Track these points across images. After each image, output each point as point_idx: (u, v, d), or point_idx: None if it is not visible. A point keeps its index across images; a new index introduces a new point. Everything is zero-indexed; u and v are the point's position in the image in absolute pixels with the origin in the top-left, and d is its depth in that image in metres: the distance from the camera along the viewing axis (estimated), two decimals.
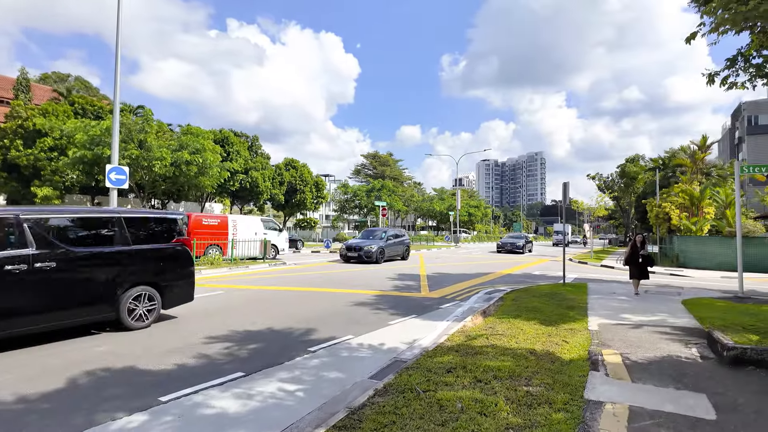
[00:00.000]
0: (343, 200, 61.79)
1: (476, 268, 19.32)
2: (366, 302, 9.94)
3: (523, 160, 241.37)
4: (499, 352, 5.62)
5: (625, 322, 7.76)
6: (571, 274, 17.08)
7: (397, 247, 22.74)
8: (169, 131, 33.00)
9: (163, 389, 4.56)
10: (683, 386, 4.51)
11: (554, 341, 6.28)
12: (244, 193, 36.02)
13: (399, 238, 23.55)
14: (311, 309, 9.05)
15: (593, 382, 4.56)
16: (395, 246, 22.59)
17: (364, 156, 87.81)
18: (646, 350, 5.88)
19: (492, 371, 4.80)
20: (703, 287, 13.54)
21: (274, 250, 19.80)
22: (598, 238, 58.32)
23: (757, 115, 52.11)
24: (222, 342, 6.40)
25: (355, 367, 5.41)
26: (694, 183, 28.34)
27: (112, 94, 13.64)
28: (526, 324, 7.31)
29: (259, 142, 39.28)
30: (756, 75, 10.84)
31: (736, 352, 5.08)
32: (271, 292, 11.27)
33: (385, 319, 8.24)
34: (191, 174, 25.86)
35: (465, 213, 75.94)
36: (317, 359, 5.68)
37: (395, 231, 24.31)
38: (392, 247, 22.19)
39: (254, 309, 8.98)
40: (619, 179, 55.28)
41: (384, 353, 6.01)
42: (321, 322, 7.83)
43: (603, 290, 12.02)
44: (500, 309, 8.93)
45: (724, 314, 8.31)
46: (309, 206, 43.05)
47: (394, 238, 22.90)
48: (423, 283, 13.63)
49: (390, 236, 22.64)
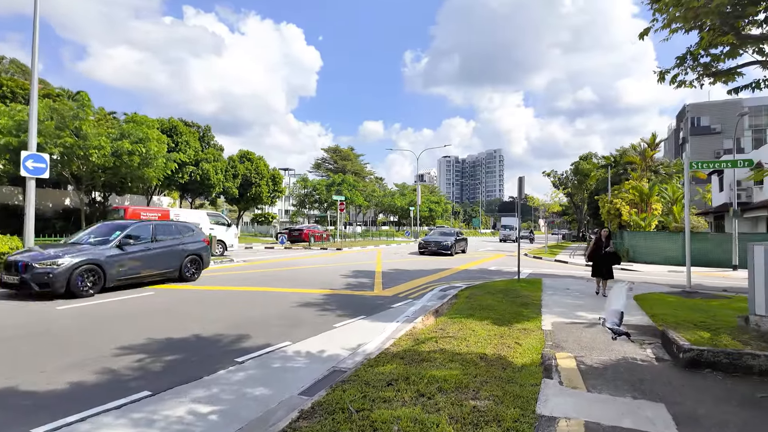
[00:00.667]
0: (303, 195, 60.37)
1: (434, 264, 19.00)
2: (313, 302, 9.27)
3: (482, 157, 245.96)
4: (447, 358, 5.12)
5: (579, 321, 7.50)
6: (526, 270, 17.07)
7: None
8: (113, 119, 30.81)
9: (42, 417, 3.75)
10: (640, 394, 4.16)
11: (507, 343, 5.87)
12: (194, 186, 34.19)
13: None
14: (250, 311, 8.28)
15: (546, 392, 4.13)
16: None
17: (325, 150, 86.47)
18: (601, 352, 5.56)
19: (437, 382, 4.28)
20: (653, 282, 13.74)
21: (221, 247, 18.67)
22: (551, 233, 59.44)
23: (699, 117, 54.99)
24: (136, 353, 5.57)
25: (287, 380, 4.76)
26: (643, 180, 29.31)
27: (38, 72, 12.21)
28: (479, 324, 6.89)
29: (212, 133, 37.38)
30: (703, 74, 10.95)
31: (692, 354, 4.80)
32: (209, 293, 10.37)
33: (330, 321, 7.60)
34: (134, 165, 24.11)
35: (426, 208, 76.25)
36: (243, 372, 4.98)
37: None
38: None
39: (184, 312, 8.11)
40: (573, 176, 56.95)
41: (322, 362, 5.39)
42: (258, 326, 7.10)
43: (557, 286, 11.89)
44: (453, 307, 8.51)
45: (675, 310, 8.24)
46: (265, 200, 41.51)
47: None
48: (377, 281, 13.08)
49: None
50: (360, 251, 27.70)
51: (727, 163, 11.34)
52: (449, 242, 24.20)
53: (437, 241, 24.37)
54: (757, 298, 6.50)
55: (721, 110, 54.30)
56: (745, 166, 11.05)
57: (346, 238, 40.13)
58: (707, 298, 9.87)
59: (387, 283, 12.51)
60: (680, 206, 24.42)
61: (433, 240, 24.65)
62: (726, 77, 10.75)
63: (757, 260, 6.49)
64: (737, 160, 11.13)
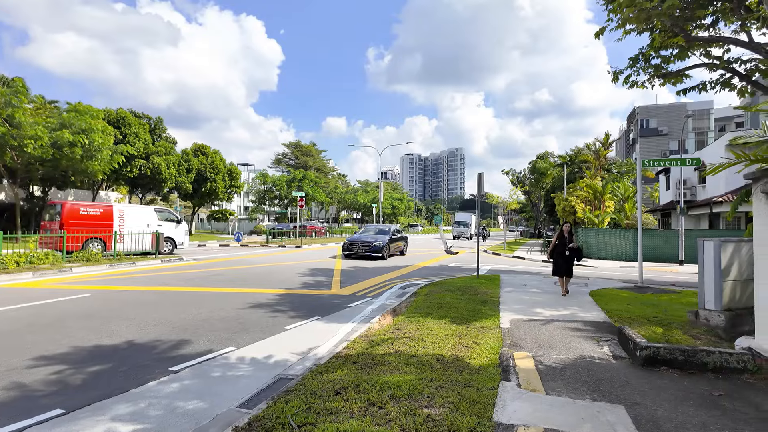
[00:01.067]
0: (262, 191, 58.84)
1: (394, 261, 18.78)
2: (265, 303, 8.77)
3: (444, 156, 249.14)
4: (402, 361, 4.83)
5: (537, 318, 7.42)
6: (485, 266, 17.14)
7: None
8: (54, 108, 28.71)
9: None
10: (600, 396, 4.01)
11: (464, 343, 5.65)
12: (144, 181, 32.49)
13: None
14: (195, 314, 7.70)
15: (504, 397, 3.90)
16: None
17: (286, 145, 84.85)
18: (559, 351, 5.43)
19: (390, 389, 3.97)
20: (606, 277, 14.06)
21: (170, 245, 17.66)
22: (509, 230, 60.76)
23: (648, 119, 57.69)
24: (56, 363, 4.95)
25: (225, 392, 4.31)
26: (597, 178, 30.31)
27: None
28: (437, 323, 6.65)
29: (164, 125, 35.67)
30: (654, 75, 11.26)
31: (648, 352, 4.73)
32: (153, 294, 9.65)
33: (282, 323, 7.15)
34: (76, 157, 22.53)
35: (389, 205, 76.26)
36: (177, 383, 4.49)
37: None
38: None
39: (121, 315, 7.43)
40: (530, 174, 58.49)
41: (269, 369, 4.97)
42: (201, 330, 6.56)
43: (515, 282, 11.90)
44: (412, 306, 8.26)
45: (628, 306, 8.35)
46: (221, 196, 40.04)
47: None
48: (336, 279, 12.68)
49: None
50: (321, 248, 27.14)
51: (677, 161, 11.70)
52: (381, 243, 19.33)
53: (366, 241, 19.58)
54: (706, 294, 6.61)
55: (667, 113, 57.24)
56: (693, 165, 11.44)
57: (307, 236, 39.35)
58: (658, 293, 10.11)
59: (345, 282, 12.13)
60: (631, 203, 25.38)
61: (360, 240, 19.83)
62: (675, 79, 11.09)
63: (706, 256, 6.59)
64: (686, 158, 11.51)
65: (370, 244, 19.30)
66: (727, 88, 10.69)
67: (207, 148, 39.27)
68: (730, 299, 6.45)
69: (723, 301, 6.40)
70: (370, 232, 21.77)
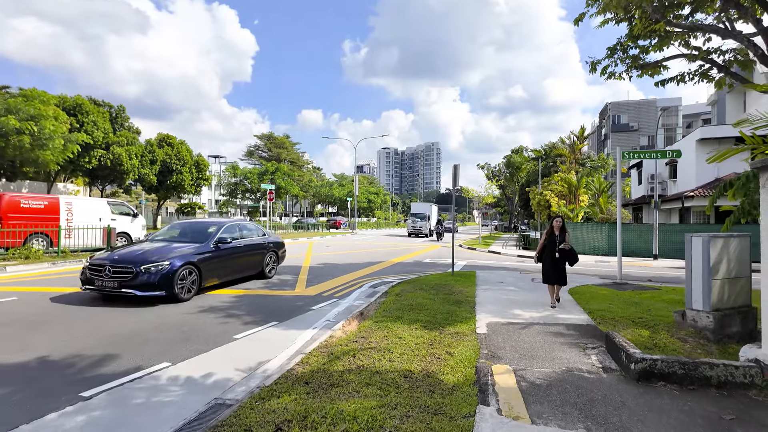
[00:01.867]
0: (233, 184, 57.07)
1: (367, 257, 18.06)
2: (218, 306, 7.89)
3: (420, 150, 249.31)
4: (364, 380, 4.11)
5: (516, 321, 6.82)
6: (460, 262, 16.63)
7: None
8: (5, 93, 26.68)
9: None
10: (594, 423, 3.38)
11: (437, 354, 4.98)
12: (104, 173, 30.69)
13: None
14: (131, 322, 6.76)
15: (482, 428, 3.23)
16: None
17: (259, 137, 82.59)
18: (543, 362, 4.81)
19: (344, 421, 3.24)
20: (583, 272, 13.70)
21: (125, 240, 16.43)
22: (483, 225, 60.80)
23: (619, 115, 58.58)
24: None
25: (144, 424, 3.50)
26: (571, 172, 30.27)
27: None
28: (407, 329, 5.97)
29: (126, 114, 33.80)
30: (632, 66, 10.85)
31: (644, 365, 4.15)
32: (93, 298, 8.62)
33: (231, 331, 6.32)
34: (24, 146, 20.85)
35: (365, 199, 75.42)
36: (84, 415, 3.64)
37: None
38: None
39: (45, 324, 6.45)
40: (505, 169, 58.55)
41: (204, 392, 4.16)
42: (134, 342, 5.67)
43: (492, 279, 11.36)
44: (381, 308, 7.56)
45: (610, 305, 7.87)
46: (188, 189, 38.36)
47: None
48: (302, 277, 11.85)
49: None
50: (290, 243, 26.15)
51: (657, 154, 11.35)
52: (155, 269, 7.85)
53: (124, 263, 7.97)
54: (694, 293, 6.14)
55: (637, 109, 58.27)
56: (673, 156, 11.09)
57: (278, 230, 38.19)
58: (638, 290, 9.71)
59: (312, 280, 11.33)
60: (605, 197, 25.34)
61: (111, 260, 8.11)
62: (652, 70, 10.69)
63: (694, 252, 6.11)
64: (666, 150, 11.15)
65: (126, 271, 7.82)
66: (706, 79, 10.40)
67: (173, 138, 37.50)
68: (718, 299, 5.99)
69: (711, 301, 5.93)
70: (167, 237, 9.90)
